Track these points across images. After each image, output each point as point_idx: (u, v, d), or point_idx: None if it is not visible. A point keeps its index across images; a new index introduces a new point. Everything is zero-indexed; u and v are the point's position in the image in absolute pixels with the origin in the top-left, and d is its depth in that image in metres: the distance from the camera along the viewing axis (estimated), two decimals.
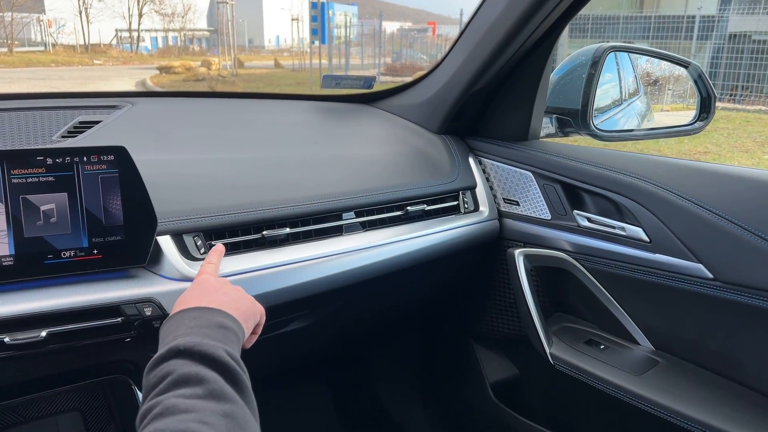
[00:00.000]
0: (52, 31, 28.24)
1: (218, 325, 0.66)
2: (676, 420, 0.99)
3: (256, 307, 0.80)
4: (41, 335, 0.79)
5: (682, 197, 1.06)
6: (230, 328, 0.67)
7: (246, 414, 0.58)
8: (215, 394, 0.57)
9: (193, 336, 0.63)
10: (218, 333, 0.65)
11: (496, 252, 1.38)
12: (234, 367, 0.61)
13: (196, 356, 0.60)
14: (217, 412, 0.55)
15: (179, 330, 0.65)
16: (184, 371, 0.58)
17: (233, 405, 0.57)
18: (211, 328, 0.65)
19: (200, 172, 1.05)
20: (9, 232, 0.78)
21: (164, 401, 0.55)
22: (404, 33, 27.10)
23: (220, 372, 0.59)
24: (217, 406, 0.55)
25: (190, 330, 0.65)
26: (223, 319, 0.68)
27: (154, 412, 0.54)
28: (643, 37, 12.38)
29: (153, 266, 0.88)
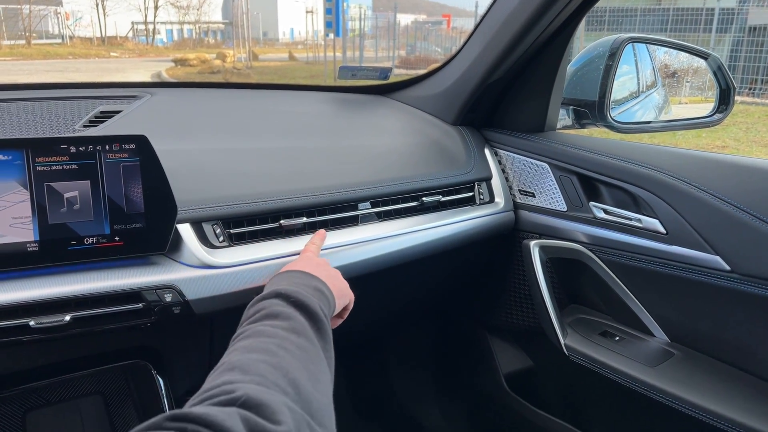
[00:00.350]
0: (69, 24, 28.49)
1: (316, 288, 0.74)
2: (691, 411, 0.99)
3: (349, 291, 0.88)
4: (65, 319, 0.81)
5: (700, 189, 1.05)
6: (326, 295, 0.75)
7: (321, 357, 0.64)
8: (297, 330, 0.64)
9: (293, 287, 0.72)
10: (315, 293, 0.73)
11: (512, 243, 1.39)
12: (322, 317, 0.69)
13: (291, 300, 0.69)
14: (296, 344, 0.62)
15: (282, 283, 0.74)
16: (277, 309, 0.67)
17: (311, 344, 0.64)
18: (310, 288, 0.74)
19: (219, 162, 1.07)
20: (34, 219, 0.80)
21: (253, 327, 0.64)
22: (419, 25, 27.00)
23: (308, 317, 0.67)
24: (296, 340, 0.63)
25: (292, 284, 0.73)
26: (321, 286, 0.76)
27: (244, 334, 0.64)
28: (661, 29, 12.23)
29: (173, 253, 0.90)
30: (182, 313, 0.88)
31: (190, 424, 0.44)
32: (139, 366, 1.02)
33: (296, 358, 0.60)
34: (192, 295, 0.88)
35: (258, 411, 0.49)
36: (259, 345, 0.60)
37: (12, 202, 0.79)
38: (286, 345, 0.61)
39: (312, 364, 0.61)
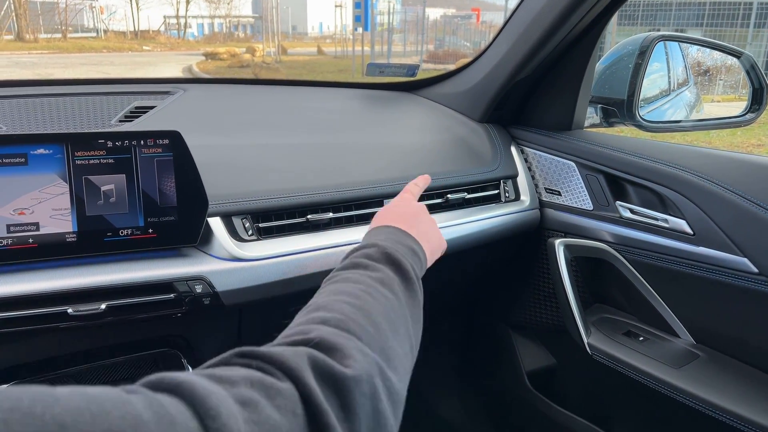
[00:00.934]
0: (103, 18, 29.03)
1: (411, 249, 0.73)
2: (714, 413, 0.99)
3: (442, 243, 0.87)
4: (101, 308, 0.84)
5: (728, 189, 1.04)
6: (419, 256, 0.74)
7: (405, 313, 0.63)
8: (385, 282, 0.64)
9: (388, 243, 0.71)
10: (409, 253, 0.72)
11: (537, 242, 1.39)
12: (412, 276, 0.68)
13: (384, 254, 0.69)
14: (380, 293, 0.62)
15: (379, 237, 0.74)
16: (369, 261, 0.67)
17: (396, 298, 0.63)
18: (405, 246, 0.73)
19: (249, 157, 1.09)
20: (72, 211, 0.83)
21: (343, 273, 0.66)
22: (448, 20, 26.84)
23: (399, 274, 0.67)
24: (382, 289, 0.63)
25: (388, 240, 0.73)
26: (416, 246, 0.75)
27: (334, 279, 0.65)
28: (697, 24, 11.96)
29: (203, 246, 0.92)
30: (212, 303, 0.91)
31: (254, 361, 0.45)
32: (169, 355, 1.05)
33: (380, 303, 0.60)
34: (221, 287, 0.91)
35: (329, 353, 0.49)
36: (345, 288, 0.62)
37: (52, 194, 0.82)
38: (371, 291, 0.62)
39: (394, 314, 0.61)
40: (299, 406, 0.42)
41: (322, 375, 0.46)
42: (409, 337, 0.62)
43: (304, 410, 0.42)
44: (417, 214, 0.84)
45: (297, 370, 0.44)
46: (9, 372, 0.96)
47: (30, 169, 0.81)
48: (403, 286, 0.66)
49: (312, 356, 0.47)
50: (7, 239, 0.80)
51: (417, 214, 0.84)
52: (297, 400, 0.42)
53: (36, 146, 0.81)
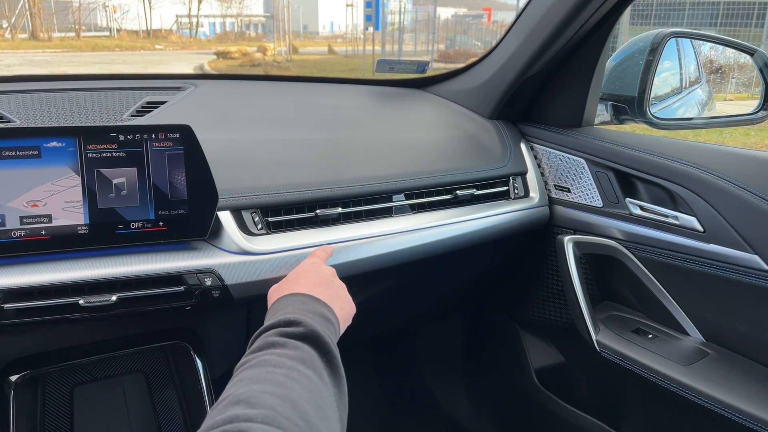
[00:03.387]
0: (116, 17, 29.26)
1: (323, 316, 0.70)
2: (724, 411, 0.98)
3: (353, 310, 0.82)
4: (112, 299, 0.85)
5: (739, 186, 1.03)
6: (333, 324, 0.70)
7: (328, 392, 0.59)
8: (306, 362, 0.60)
9: (299, 315, 0.67)
10: (323, 322, 0.68)
11: (546, 238, 1.38)
12: (331, 348, 0.64)
13: (300, 329, 0.64)
14: (303, 375, 0.57)
15: (288, 308, 0.69)
16: (283, 339, 0.63)
17: (319, 378, 0.59)
18: (318, 316, 0.69)
19: (259, 152, 1.10)
20: (84, 203, 0.84)
21: (259, 357, 0.60)
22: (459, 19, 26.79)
23: (317, 348, 0.63)
24: (304, 371, 0.58)
25: (299, 311, 0.68)
26: (328, 314, 0.71)
27: (248, 364, 0.59)
28: (711, 24, 11.86)
29: (213, 239, 0.93)
30: (221, 297, 0.92)
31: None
32: (179, 347, 1.06)
33: (305, 389, 0.56)
34: (230, 280, 0.92)
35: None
36: (265, 375, 0.56)
37: (64, 187, 0.83)
38: (293, 375, 0.57)
39: (320, 398, 0.57)
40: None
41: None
42: (338, 419, 0.59)
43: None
44: (328, 278, 0.81)
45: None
46: (21, 362, 0.97)
47: (43, 162, 0.82)
48: (325, 361, 0.62)
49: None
50: (20, 231, 0.81)
51: (328, 279, 0.81)
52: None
53: (49, 139, 0.82)
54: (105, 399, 1.06)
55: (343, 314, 0.77)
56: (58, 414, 1.02)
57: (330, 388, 0.60)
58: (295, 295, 0.73)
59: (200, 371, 1.05)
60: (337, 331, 0.72)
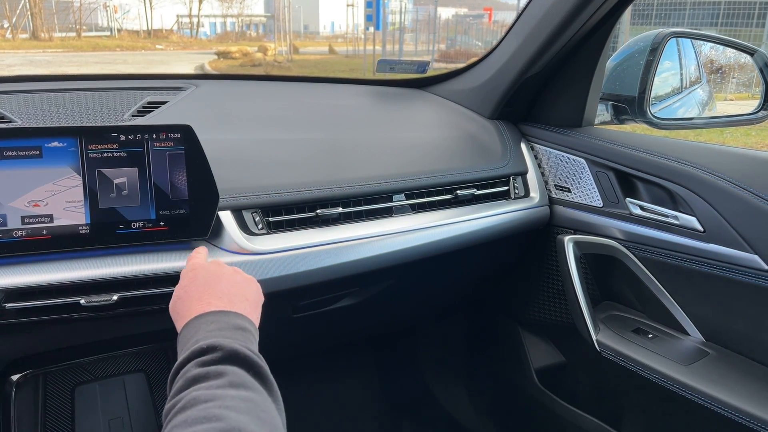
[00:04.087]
0: (117, 17, 29.29)
1: (236, 327, 0.66)
2: (724, 411, 0.99)
3: (258, 287, 0.78)
4: (113, 299, 0.85)
5: (739, 186, 1.04)
6: (247, 330, 0.67)
7: (267, 402, 0.58)
8: (235, 384, 0.57)
9: (212, 338, 0.62)
10: (238, 334, 0.65)
11: (546, 238, 1.39)
12: (255, 359, 0.61)
13: (217, 354, 0.60)
14: (238, 398, 0.55)
15: (199, 334, 0.64)
16: (205, 369, 0.59)
17: (254, 392, 0.57)
18: (230, 330, 0.65)
19: (259, 152, 1.10)
20: (86, 203, 0.84)
21: (186, 396, 0.56)
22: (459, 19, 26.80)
23: (242, 365, 0.60)
24: (237, 393, 0.56)
25: (210, 333, 0.64)
26: (239, 321, 0.67)
27: (177, 407, 0.55)
28: (711, 24, 11.85)
29: (214, 239, 0.93)
30: None
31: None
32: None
33: (244, 412, 0.54)
34: None
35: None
36: (199, 414, 0.52)
37: (66, 187, 0.83)
38: (228, 403, 0.54)
39: (263, 412, 0.55)
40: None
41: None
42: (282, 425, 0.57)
43: None
44: (219, 276, 0.75)
45: None
46: (23, 362, 0.98)
47: (44, 162, 0.82)
48: (252, 374, 0.60)
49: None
50: (22, 231, 0.82)
51: (220, 277, 0.75)
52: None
53: (50, 139, 0.82)
54: (106, 398, 1.06)
55: (251, 303, 0.74)
56: (59, 413, 1.03)
57: (267, 398, 0.58)
58: (201, 316, 0.68)
59: None
60: (255, 334, 0.68)
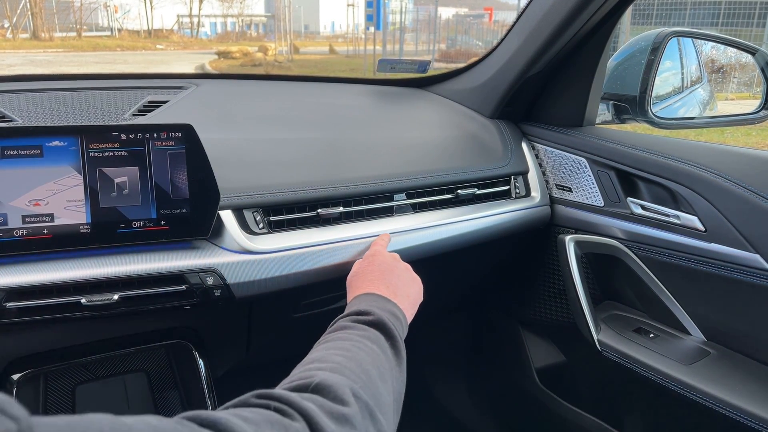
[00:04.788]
0: (118, 17, 29.31)
1: (392, 313, 0.79)
2: (725, 411, 0.98)
3: (420, 296, 0.93)
4: (113, 298, 0.85)
5: (740, 185, 1.03)
6: (399, 319, 0.80)
7: (392, 367, 0.69)
8: (372, 339, 0.71)
9: (370, 308, 0.78)
10: (390, 316, 0.78)
11: (547, 238, 1.38)
12: (395, 333, 0.74)
13: (368, 317, 0.75)
14: (369, 347, 0.69)
15: (362, 304, 0.79)
16: (354, 324, 0.74)
17: (384, 354, 0.70)
18: (388, 312, 0.79)
19: (260, 151, 1.10)
20: (86, 202, 0.84)
21: (334, 335, 0.72)
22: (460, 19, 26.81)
23: (383, 332, 0.73)
24: (371, 345, 0.70)
25: (370, 305, 0.79)
26: (395, 311, 0.80)
27: (326, 340, 0.72)
28: (712, 24, 11.85)
29: (215, 239, 0.93)
30: (223, 296, 0.92)
31: (272, 401, 0.52)
32: (181, 346, 1.06)
33: (368, 355, 0.67)
34: (232, 279, 0.92)
35: (327, 394, 0.56)
36: (337, 345, 0.68)
37: (67, 186, 0.83)
38: (360, 346, 0.68)
39: (381, 367, 0.67)
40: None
41: (331, 416, 0.53)
42: (395, 390, 0.68)
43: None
44: (393, 270, 0.91)
45: (307, 410, 0.51)
46: (23, 361, 0.97)
47: (45, 161, 0.82)
48: (389, 345, 0.72)
49: (317, 400, 0.55)
50: (23, 230, 0.81)
51: (393, 271, 0.90)
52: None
53: (51, 138, 0.82)
54: (107, 398, 1.06)
55: (410, 301, 0.88)
56: (59, 412, 1.03)
57: (391, 362, 0.70)
58: (369, 294, 0.83)
59: (202, 370, 1.06)
60: (405, 326, 0.81)
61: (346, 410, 0.54)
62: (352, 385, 0.59)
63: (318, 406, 0.53)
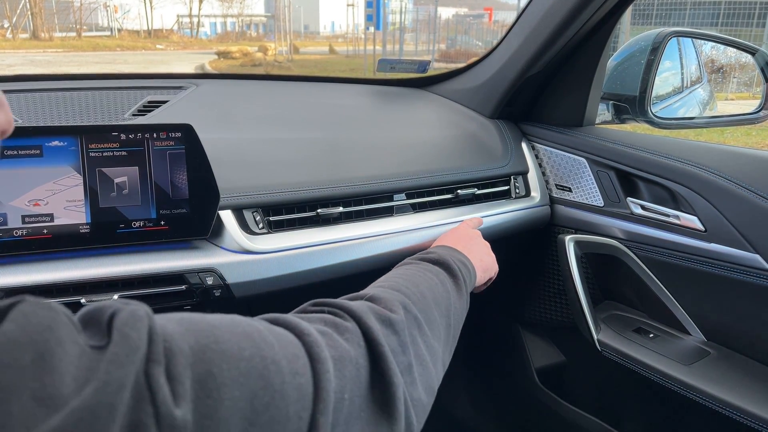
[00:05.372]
0: (117, 17, 29.31)
1: (460, 260, 0.85)
2: (725, 411, 0.98)
3: (494, 266, 1.01)
4: (113, 298, 0.85)
5: (740, 185, 1.03)
6: (468, 267, 0.86)
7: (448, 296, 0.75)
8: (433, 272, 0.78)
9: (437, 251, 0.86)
10: (458, 262, 0.83)
11: (547, 238, 1.38)
12: (458, 273, 0.81)
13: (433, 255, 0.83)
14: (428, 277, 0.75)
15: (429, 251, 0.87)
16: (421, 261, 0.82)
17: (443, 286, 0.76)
18: (455, 257, 0.85)
19: (260, 151, 1.10)
20: (86, 202, 0.84)
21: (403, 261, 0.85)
22: (460, 19, 26.81)
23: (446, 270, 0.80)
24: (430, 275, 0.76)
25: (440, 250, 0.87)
26: (465, 260, 0.87)
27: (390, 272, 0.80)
28: (712, 23, 11.85)
29: (215, 239, 0.93)
30: (222, 296, 0.92)
31: (326, 307, 0.58)
32: None
33: (426, 280, 0.73)
34: (232, 279, 0.92)
35: (380, 303, 0.62)
36: (396, 272, 0.77)
37: (66, 186, 0.83)
38: (419, 273, 0.75)
39: (437, 293, 0.72)
40: (362, 339, 0.54)
41: (379, 318, 0.58)
42: (451, 316, 0.73)
43: (365, 343, 0.54)
44: (472, 238, 0.99)
45: (359, 313, 0.56)
46: None
47: (45, 161, 0.82)
48: (450, 279, 0.78)
49: (369, 305, 0.60)
50: (22, 230, 0.81)
51: (472, 238, 0.98)
52: (360, 335, 0.54)
53: (51, 138, 0.82)
54: None
55: (483, 265, 0.94)
56: None
57: (450, 295, 0.75)
58: (440, 246, 0.91)
59: None
60: (472, 274, 0.87)
61: (393, 316, 0.59)
62: (404, 300, 0.64)
63: (368, 308, 0.58)
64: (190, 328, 0.40)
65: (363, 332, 0.55)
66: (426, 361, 0.62)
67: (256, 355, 0.42)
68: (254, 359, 0.42)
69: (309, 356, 0.47)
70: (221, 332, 0.42)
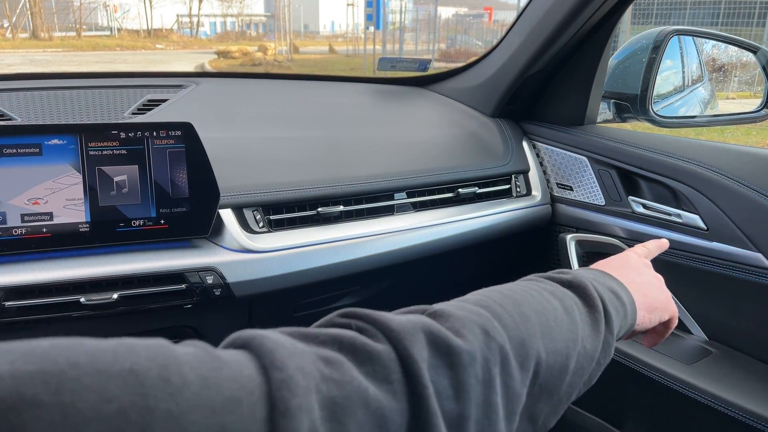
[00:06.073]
0: (117, 16, 29.32)
1: (608, 287, 0.60)
2: (727, 410, 0.98)
3: (668, 305, 0.69)
4: (113, 297, 0.85)
5: (741, 184, 1.03)
6: (620, 298, 0.60)
7: (573, 328, 0.51)
8: (556, 294, 0.54)
9: (576, 273, 0.59)
10: (604, 289, 0.59)
11: (548, 237, 1.38)
12: (597, 301, 0.55)
13: (566, 277, 0.58)
14: (546, 298, 0.52)
15: (570, 273, 0.60)
16: (548, 281, 0.58)
17: (567, 313, 0.52)
18: (601, 284, 0.59)
19: (260, 150, 1.09)
20: (86, 201, 0.84)
21: (521, 284, 0.56)
22: (460, 18, 26.82)
23: (579, 295, 0.56)
24: (549, 297, 0.53)
25: (582, 272, 0.61)
26: (617, 288, 0.61)
27: (530, 276, 0.59)
28: (712, 23, 11.85)
29: (215, 237, 0.93)
30: (223, 295, 0.91)
31: (355, 320, 0.40)
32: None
33: (538, 302, 0.50)
34: (232, 278, 0.92)
35: (444, 321, 0.43)
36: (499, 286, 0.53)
37: (66, 185, 0.83)
38: (530, 291, 0.52)
39: (553, 319, 0.50)
40: (396, 373, 0.36)
41: (432, 342, 0.39)
42: (569, 356, 0.49)
43: (402, 377, 0.36)
44: (635, 267, 0.69)
45: (400, 332, 0.38)
46: None
47: (44, 160, 0.82)
48: (584, 308, 0.54)
49: (424, 322, 0.41)
50: (21, 228, 0.81)
51: (635, 268, 0.69)
52: (395, 365, 0.36)
53: (50, 137, 0.82)
54: None
55: (649, 301, 0.65)
56: None
57: (577, 324, 0.52)
58: (588, 269, 0.65)
59: None
60: (626, 308, 0.60)
61: (457, 342, 0.40)
62: (487, 321, 0.44)
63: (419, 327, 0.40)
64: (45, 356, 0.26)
65: (401, 361, 0.37)
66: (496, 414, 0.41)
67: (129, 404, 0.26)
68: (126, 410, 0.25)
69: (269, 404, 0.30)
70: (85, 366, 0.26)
